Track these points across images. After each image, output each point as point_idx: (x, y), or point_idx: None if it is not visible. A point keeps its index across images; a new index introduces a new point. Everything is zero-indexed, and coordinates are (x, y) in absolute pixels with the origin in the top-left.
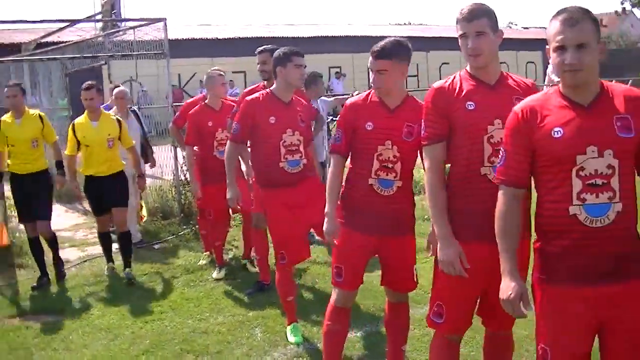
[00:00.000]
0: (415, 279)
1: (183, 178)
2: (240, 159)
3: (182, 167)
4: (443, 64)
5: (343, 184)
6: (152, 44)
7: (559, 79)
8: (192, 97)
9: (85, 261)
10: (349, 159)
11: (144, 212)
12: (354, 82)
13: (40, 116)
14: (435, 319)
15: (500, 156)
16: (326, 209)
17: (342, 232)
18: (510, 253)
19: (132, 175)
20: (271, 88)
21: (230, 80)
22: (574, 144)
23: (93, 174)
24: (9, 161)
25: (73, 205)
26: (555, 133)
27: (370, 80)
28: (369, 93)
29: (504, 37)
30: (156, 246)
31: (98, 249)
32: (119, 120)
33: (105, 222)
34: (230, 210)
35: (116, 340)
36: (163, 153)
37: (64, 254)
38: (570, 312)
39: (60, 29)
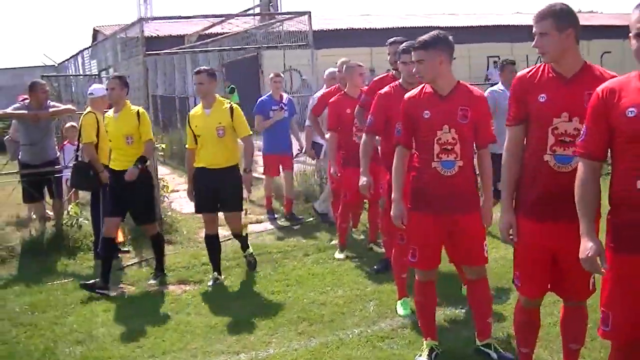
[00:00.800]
0: (485, 254)
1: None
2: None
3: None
4: (605, 52)
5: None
6: (298, 35)
7: None
8: None
9: (228, 239)
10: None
11: (246, 217)
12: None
13: (138, 112)
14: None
15: (582, 131)
16: (393, 196)
17: (412, 216)
18: (588, 217)
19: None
20: (399, 80)
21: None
22: None
23: (204, 165)
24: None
25: None
26: (629, 113)
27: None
28: (423, 86)
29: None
30: (295, 227)
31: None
32: (232, 109)
33: (212, 223)
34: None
35: (246, 307)
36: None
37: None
38: (635, 281)
39: (220, 22)
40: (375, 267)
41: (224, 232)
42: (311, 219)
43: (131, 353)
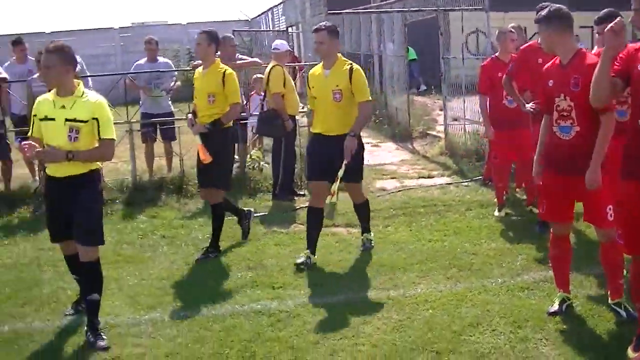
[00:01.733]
0: (609, 217)
1: None
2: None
3: None
4: None
5: None
6: None
7: None
8: None
9: (399, 191)
10: None
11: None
12: None
13: (224, 73)
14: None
15: None
16: (535, 156)
17: (544, 174)
18: None
19: None
20: None
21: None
22: None
23: (319, 132)
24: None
25: (404, 144)
26: None
27: None
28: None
29: None
30: (464, 183)
31: (414, 182)
32: (351, 70)
33: (319, 195)
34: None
35: (399, 252)
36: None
37: (383, 183)
38: None
39: None
40: (537, 227)
41: (395, 183)
42: (480, 177)
43: (293, 281)
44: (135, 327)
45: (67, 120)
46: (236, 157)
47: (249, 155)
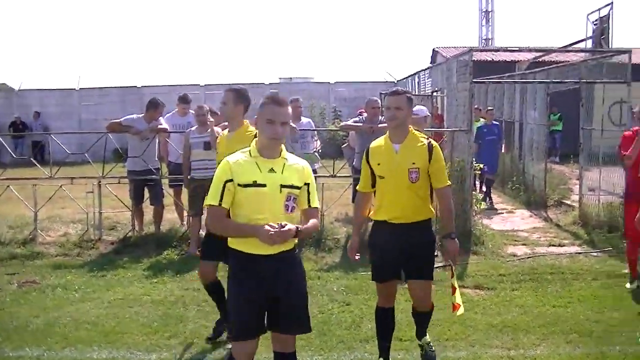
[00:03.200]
0: None
1: None
2: None
3: None
4: None
5: None
6: (621, 69)
7: None
8: None
9: (529, 257)
10: None
11: (458, 299)
12: None
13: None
14: None
15: None
16: None
17: None
18: None
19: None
20: None
21: None
22: None
23: (387, 219)
24: None
25: (539, 211)
26: None
27: None
28: None
29: None
30: (594, 254)
31: (544, 249)
32: (431, 147)
33: (391, 294)
34: None
35: (523, 315)
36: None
37: (514, 249)
38: None
39: (550, 52)
40: None
41: (525, 249)
42: (610, 248)
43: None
44: None
45: (282, 186)
46: None
47: None
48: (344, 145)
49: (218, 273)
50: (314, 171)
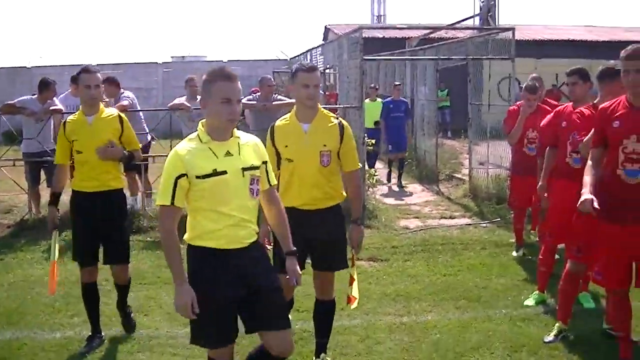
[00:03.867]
0: None
1: None
2: None
3: None
4: None
5: None
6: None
7: None
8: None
9: (421, 230)
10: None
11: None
12: None
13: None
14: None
15: None
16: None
17: (601, 228)
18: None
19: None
20: None
21: None
22: None
23: (295, 206)
24: None
25: (431, 186)
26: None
27: None
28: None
29: None
30: (483, 225)
31: (436, 222)
32: (342, 127)
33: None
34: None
35: (415, 284)
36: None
37: (407, 222)
38: None
39: (438, 29)
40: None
41: (418, 222)
42: (499, 219)
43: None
44: (173, 340)
45: (244, 169)
46: None
47: None
48: (239, 123)
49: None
50: None
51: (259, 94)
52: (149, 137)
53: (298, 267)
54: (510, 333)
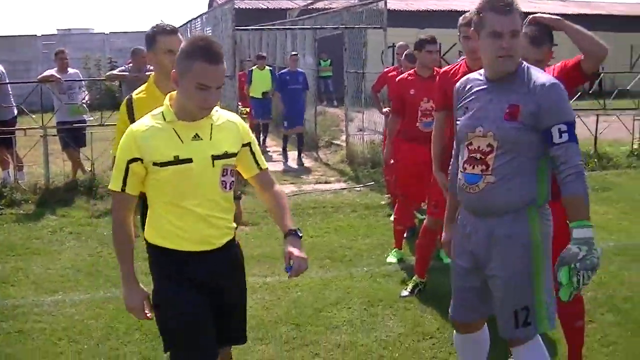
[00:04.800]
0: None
1: None
2: None
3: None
4: None
5: None
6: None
7: None
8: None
9: (295, 194)
10: None
11: None
12: None
13: None
14: None
15: None
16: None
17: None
18: None
19: None
20: None
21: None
22: None
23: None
24: None
25: (310, 152)
26: None
27: None
28: None
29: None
30: (357, 189)
31: (311, 187)
32: None
33: None
34: None
35: (282, 246)
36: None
37: (282, 188)
38: None
39: (317, 0)
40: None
41: (293, 188)
42: (372, 183)
43: None
44: (38, 308)
45: (214, 157)
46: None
47: None
48: (117, 95)
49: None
50: (83, 121)
51: (131, 65)
52: (15, 112)
53: (296, 249)
54: (369, 289)
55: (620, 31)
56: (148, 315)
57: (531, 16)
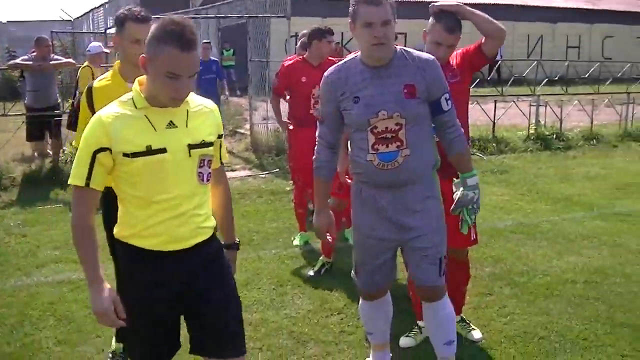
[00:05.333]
0: None
1: None
2: None
3: None
4: (607, 37)
5: None
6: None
7: None
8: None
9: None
10: None
11: None
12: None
13: None
14: None
15: None
16: None
17: None
18: None
19: None
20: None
21: None
22: None
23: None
24: None
25: None
26: None
27: None
28: None
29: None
30: (262, 175)
31: None
32: None
33: None
34: None
35: None
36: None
37: None
38: None
39: None
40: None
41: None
42: (277, 170)
43: None
44: None
45: (191, 147)
46: (49, 151)
47: (62, 150)
48: (18, 84)
49: None
50: None
51: (34, 53)
52: None
53: (234, 266)
54: (277, 270)
55: (518, 20)
56: (120, 319)
57: (432, 5)
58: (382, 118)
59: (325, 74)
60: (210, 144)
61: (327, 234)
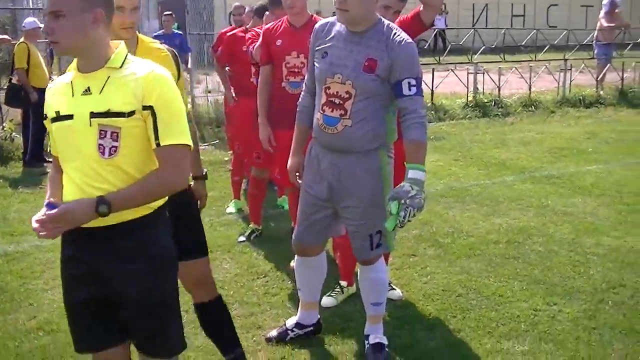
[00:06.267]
0: None
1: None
2: None
3: None
4: (551, 5)
5: None
6: None
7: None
8: None
9: None
10: None
11: None
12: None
13: None
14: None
15: None
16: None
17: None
18: None
19: None
20: None
21: None
22: None
23: None
24: None
25: None
26: None
27: None
28: None
29: None
30: (203, 147)
31: None
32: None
33: None
34: None
35: None
36: None
37: None
38: None
39: None
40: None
41: None
42: (217, 141)
43: (31, 230)
44: None
45: (93, 115)
46: None
47: (1, 127)
48: None
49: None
50: None
51: None
52: None
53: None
54: (209, 237)
55: None
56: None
57: None
58: (336, 81)
59: (316, 24)
60: (120, 115)
61: (297, 177)
